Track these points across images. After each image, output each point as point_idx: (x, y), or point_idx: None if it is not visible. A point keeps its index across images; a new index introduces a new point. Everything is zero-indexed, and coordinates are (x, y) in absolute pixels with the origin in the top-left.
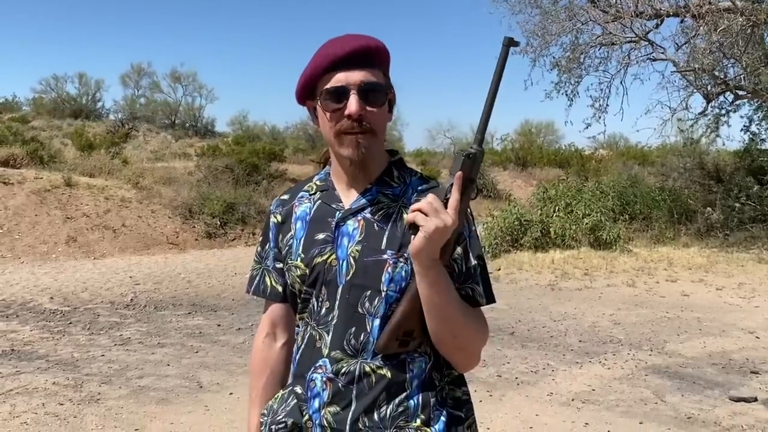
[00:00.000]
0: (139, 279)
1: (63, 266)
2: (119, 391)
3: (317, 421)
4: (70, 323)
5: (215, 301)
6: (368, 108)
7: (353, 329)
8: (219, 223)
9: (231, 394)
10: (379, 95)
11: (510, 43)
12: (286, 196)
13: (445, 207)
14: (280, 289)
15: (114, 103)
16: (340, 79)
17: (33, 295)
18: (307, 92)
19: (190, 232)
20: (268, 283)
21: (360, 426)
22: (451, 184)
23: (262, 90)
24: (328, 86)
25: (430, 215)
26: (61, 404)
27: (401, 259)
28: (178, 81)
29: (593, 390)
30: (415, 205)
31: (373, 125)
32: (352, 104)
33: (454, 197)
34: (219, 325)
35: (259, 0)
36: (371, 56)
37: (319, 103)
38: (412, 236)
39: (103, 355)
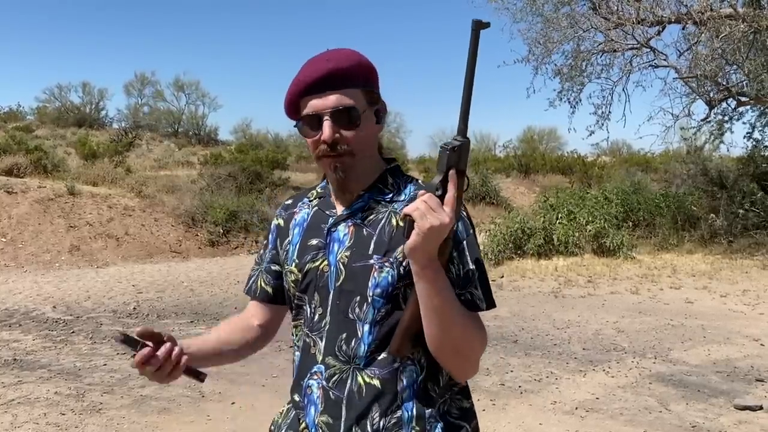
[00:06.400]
0: (141, 287)
1: (66, 275)
2: (121, 401)
3: (313, 430)
4: (73, 332)
5: (218, 309)
6: (343, 132)
7: (344, 335)
8: (222, 231)
9: (233, 403)
10: (354, 117)
11: (479, 26)
12: (290, 201)
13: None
14: (269, 290)
15: (117, 111)
16: (313, 105)
17: (36, 304)
18: (292, 111)
19: (193, 240)
20: (259, 284)
21: None
22: (440, 180)
23: (266, 98)
24: (303, 113)
25: (425, 213)
26: (63, 414)
27: (387, 264)
28: (181, 89)
29: (597, 398)
30: (410, 205)
31: (350, 147)
32: (325, 131)
33: (450, 193)
34: None
35: (262, 9)
36: (343, 78)
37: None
38: (405, 236)
39: (105, 365)
